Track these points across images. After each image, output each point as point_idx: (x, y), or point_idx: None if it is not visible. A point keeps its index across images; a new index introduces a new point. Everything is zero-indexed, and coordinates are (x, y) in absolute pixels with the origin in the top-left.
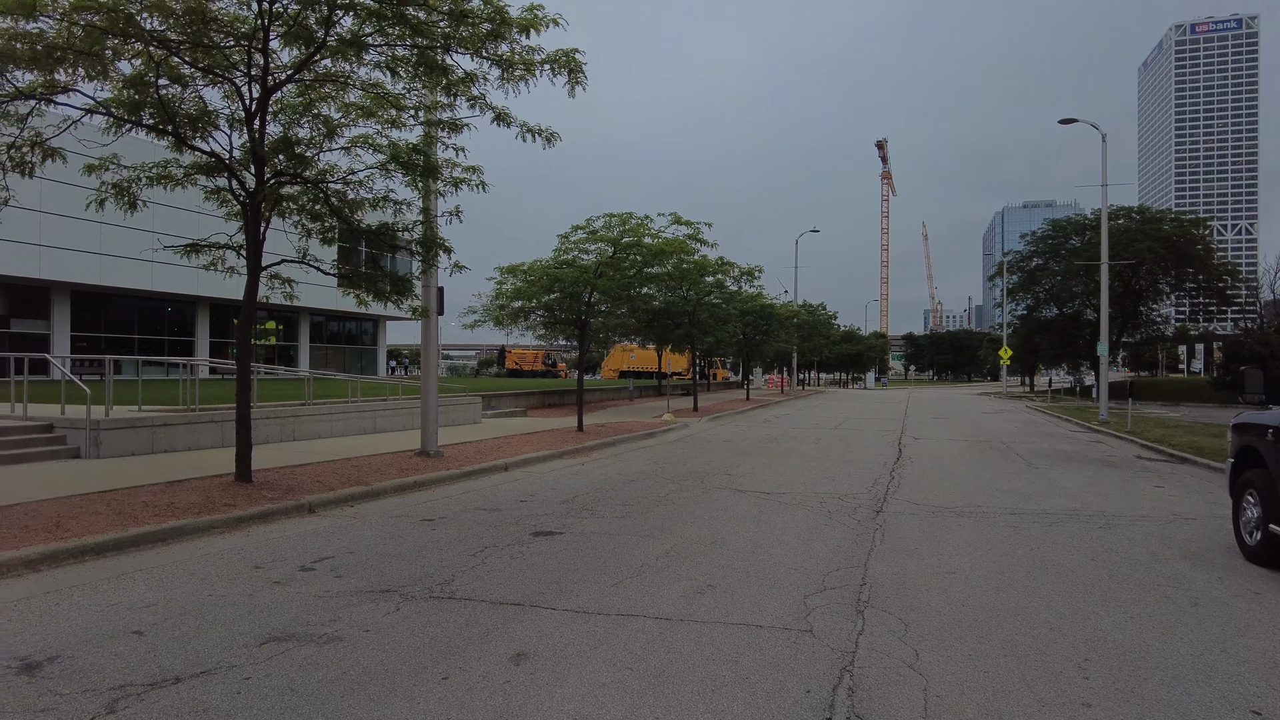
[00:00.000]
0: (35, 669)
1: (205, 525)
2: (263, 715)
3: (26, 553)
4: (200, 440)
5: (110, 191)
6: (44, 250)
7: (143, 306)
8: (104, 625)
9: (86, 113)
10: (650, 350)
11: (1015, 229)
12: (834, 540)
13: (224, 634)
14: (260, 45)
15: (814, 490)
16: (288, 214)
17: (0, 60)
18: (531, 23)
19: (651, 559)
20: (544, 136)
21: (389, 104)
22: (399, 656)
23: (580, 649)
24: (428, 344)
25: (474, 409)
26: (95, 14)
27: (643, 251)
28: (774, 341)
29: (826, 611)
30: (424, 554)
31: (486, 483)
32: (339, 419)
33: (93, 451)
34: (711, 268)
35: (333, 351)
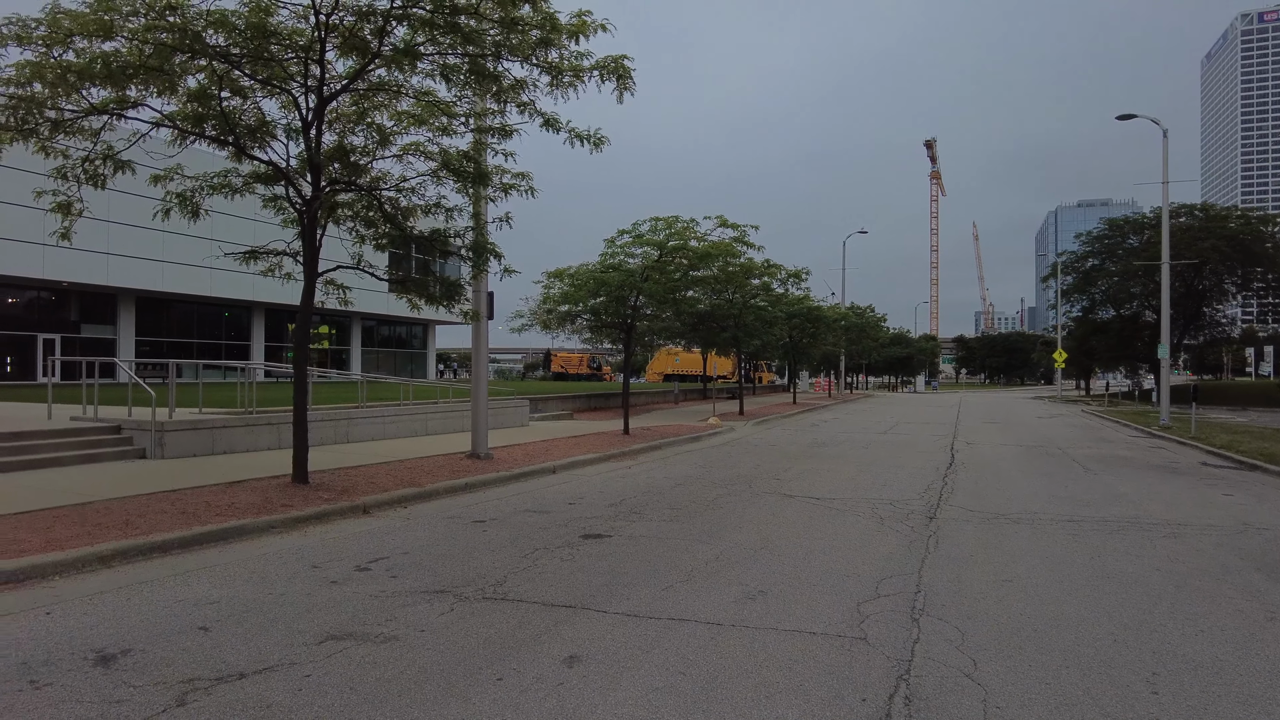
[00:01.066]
0: (110, 661)
1: (264, 525)
2: (324, 713)
3: (100, 549)
4: (258, 442)
5: (174, 201)
6: (111, 258)
7: (201, 311)
8: (172, 620)
9: (154, 126)
10: (695, 353)
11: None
12: (886, 547)
13: (284, 632)
14: (317, 57)
15: (865, 496)
16: (342, 221)
17: (80, 79)
18: (580, 29)
19: (701, 564)
20: (592, 141)
21: (440, 111)
22: (454, 657)
23: (632, 652)
24: (478, 347)
25: (521, 412)
26: (165, 32)
27: (688, 255)
28: (821, 344)
29: (881, 619)
30: (476, 555)
31: (535, 485)
32: (391, 421)
33: (157, 452)
34: (758, 270)
35: (384, 355)
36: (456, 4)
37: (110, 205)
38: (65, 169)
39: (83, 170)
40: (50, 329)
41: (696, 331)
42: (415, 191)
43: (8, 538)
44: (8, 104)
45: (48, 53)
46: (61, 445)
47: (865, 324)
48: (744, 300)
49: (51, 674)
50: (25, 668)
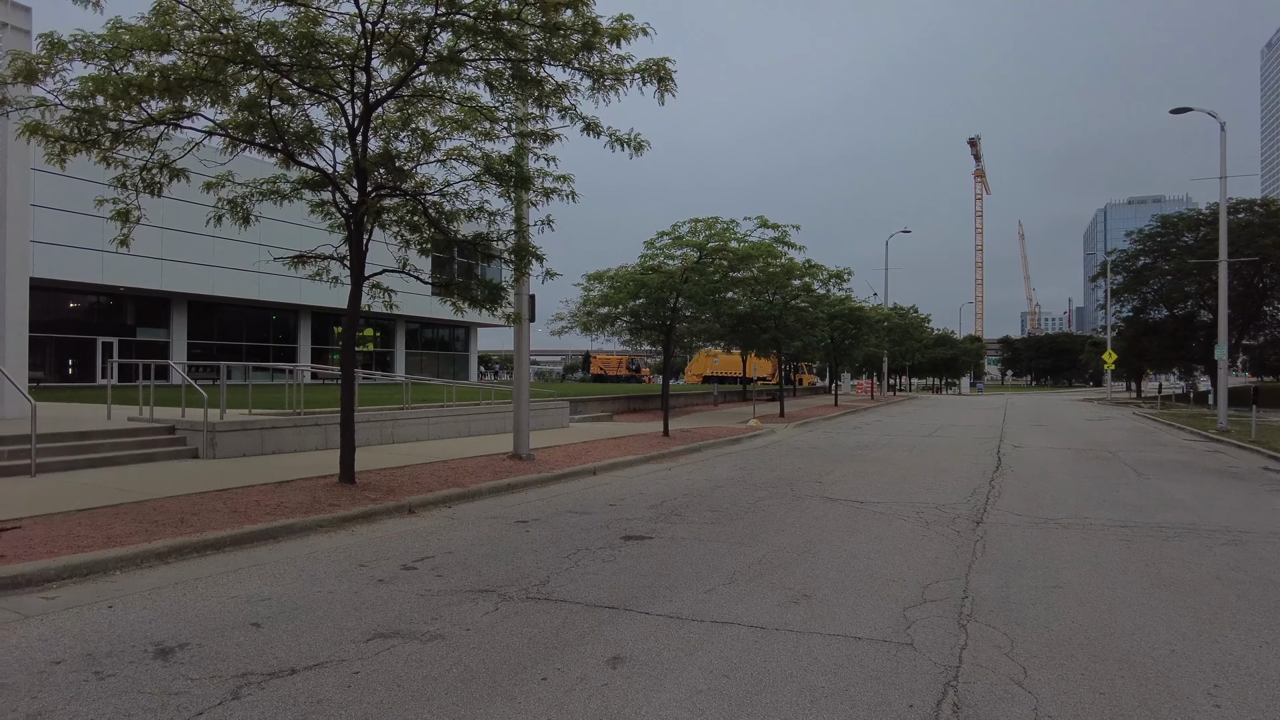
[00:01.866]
0: (169, 654)
1: (313, 524)
2: (372, 709)
3: (157, 546)
4: (305, 443)
5: (226, 207)
6: (165, 264)
7: (250, 314)
8: (225, 616)
9: (207, 135)
10: (734, 355)
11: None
12: (932, 551)
13: (333, 629)
14: (363, 64)
15: (910, 499)
16: (388, 225)
17: (140, 91)
18: (621, 32)
19: (743, 566)
20: (632, 145)
21: (483, 116)
22: (499, 656)
23: (676, 654)
24: (520, 350)
25: (562, 413)
26: (219, 44)
27: (729, 256)
28: (863, 345)
29: (927, 624)
30: (519, 555)
31: (576, 486)
32: (435, 423)
33: (209, 452)
34: (799, 270)
35: (427, 357)
36: (499, 10)
37: (164, 212)
38: (125, 178)
39: (141, 179)
40: (108, 332)
41: (736, 333)
42: (459, 196)
43: (72, 534)
44: (72, 116)
45: (110, 67)
46: (120, 445)
47: (908, 325)
48: (785, 301)
49: (115, 665)
50: (90, 659)
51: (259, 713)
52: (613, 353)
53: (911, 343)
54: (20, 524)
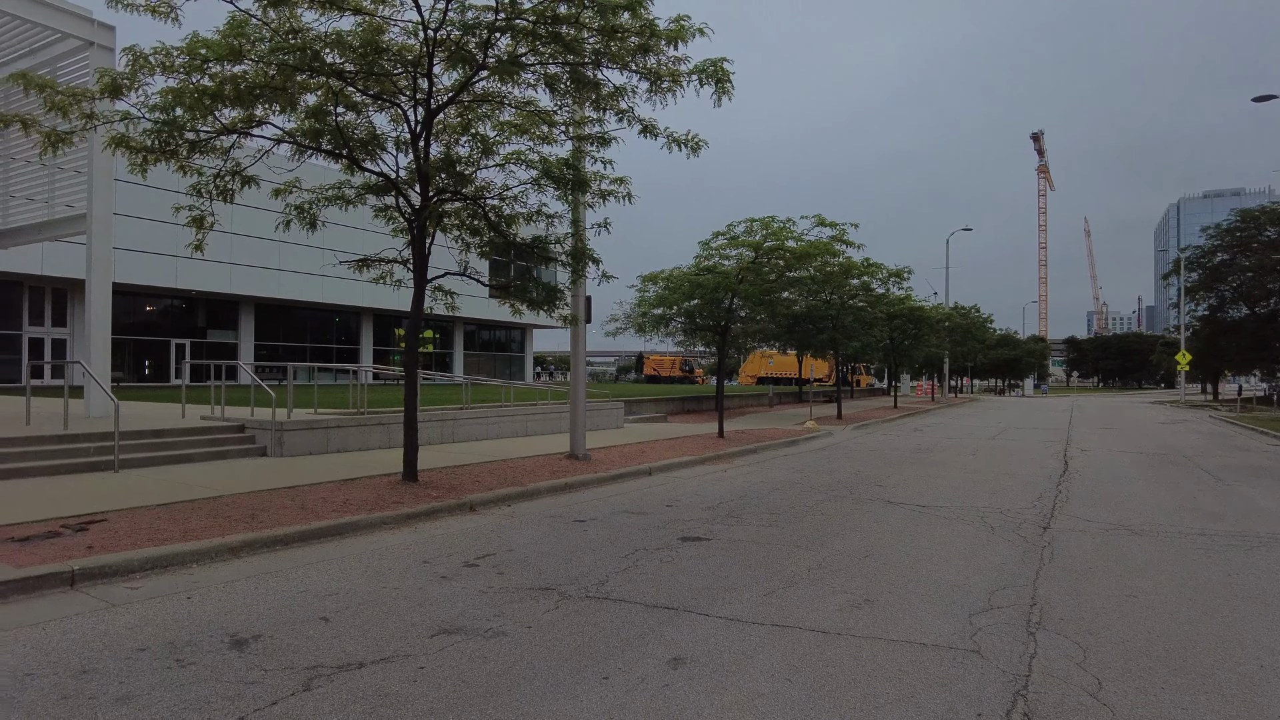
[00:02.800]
0: (243, 645)
1: (377, 521)
2: (438, 704)
3: (230, 540)
4: (369, 441)
5: (294, 213)
6: (234, 268)
7: (314, 317)
8: (296, 610)
9: (276, 142)
10: (790, 356)
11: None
12: (997, 557)
13: (399, 624)
14: (425, 70)
15: (973, 504)
16: (449, 229)
17: (214, 101)
18: (679, 34)
19: (803, 570)
20: (690, 146)
21: (541, 120)
22: (560, 654)
23: (737, 657)
24: (576, 351)
25: (616, 414)
26: (288, 53)
27: (785, 255)
28: (923, 346)
29: (994, 631)
30: (578, 554)
31: (632, 486)
32: (493, 422)
33: (277, 450)
34: (857, 269)
35: (484, 358)
36: (558, 14)
37: (233, 218)
38: (200, 185)
39: (214, 186)
40: (181, 334)
41: (792, 333)
42: (517, 199)
43: (153, 527)
44: (153, 128)
45: (187, 79)
46: (194, 443)
47: (970, 325)
48: (842, 301)
49: (194, 654)
50: (172, 647)
51: (329, 704)
52: (666, 354)
53: (973, 343)
54: (106, 517)
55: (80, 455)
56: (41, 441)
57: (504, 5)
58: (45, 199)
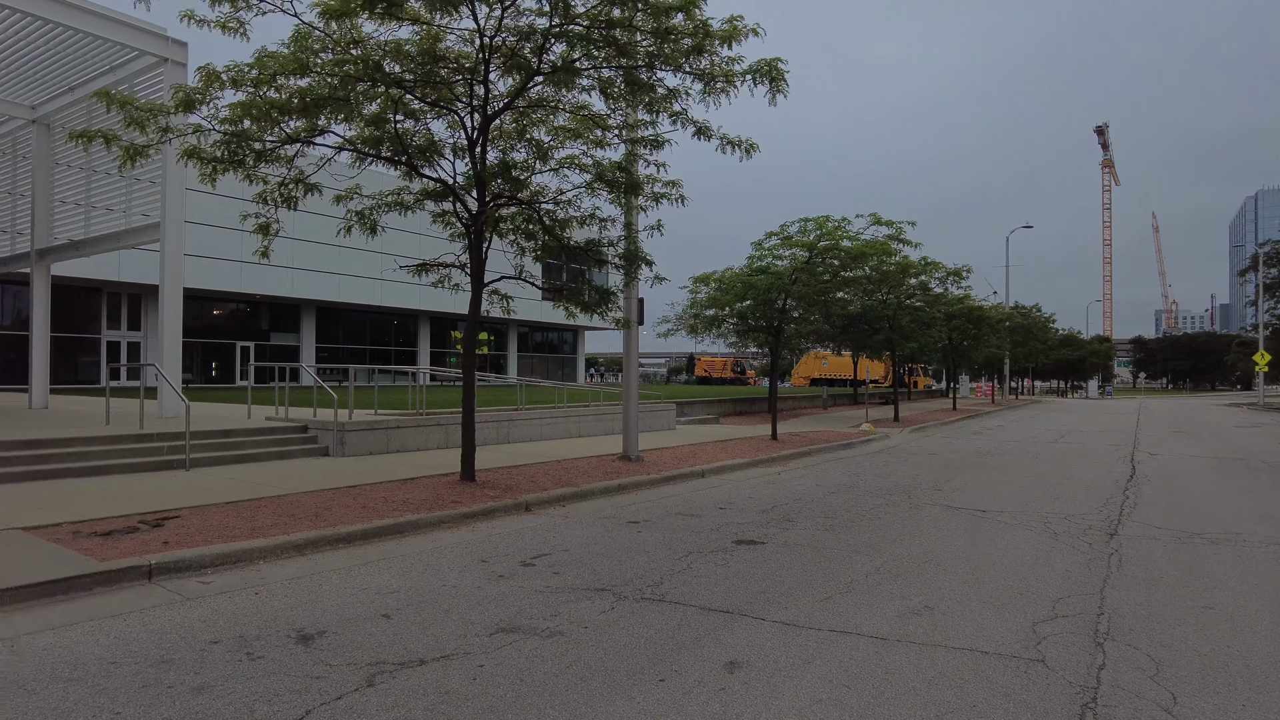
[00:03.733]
0: (309, 640)
1: (436, 520)
2: (496, 702)
3: (295, 538)
4: (427, 441)
5: (355, 219)
6: (296, 273)
7: (373, 320)
8: (358, 606)
9: (338, 150)
10: (845, 357)
11: (1274, 215)
12: (1062, 564)
13: (458, 622)
14: (481, 78)
15: (1036, 509)
16: (505, 234)
17: (281, 113)
18: (732, 34)
19: (861, 575)
20: (743, 148)
21: (595, 124)
22: (616, 655)
23: (794, 662)
24: (629, 353)
25: (668, 415)
26: (350, 64)
27: (840, 255)
28: (983, 347)
29: (1059, 641)
30: (632, 555)
31: (685, 488)
32: (547, 423)
33: (339, 450)
34: (914, 269)
35: (537, 360)
36: (611, 18)
37: (295, 224)
38: (265, 194)
39: (279, 194)
40: (246, 337)
41: (847, 334)
42: (571, 203)
43: (223, 524)
44: (223, 139)
45: (256, 92)
46: (259, 442)
47: (1031, 324)
48: (899, 301)
49: (263, 648)
50: (242, 641)
51: (391, 700)
52: (717, 355)
53: (1034, 344)
54: (179, 513)
55: (155, 454)
56: (120, 441)
57: (558, 11)
58: (123, 209)
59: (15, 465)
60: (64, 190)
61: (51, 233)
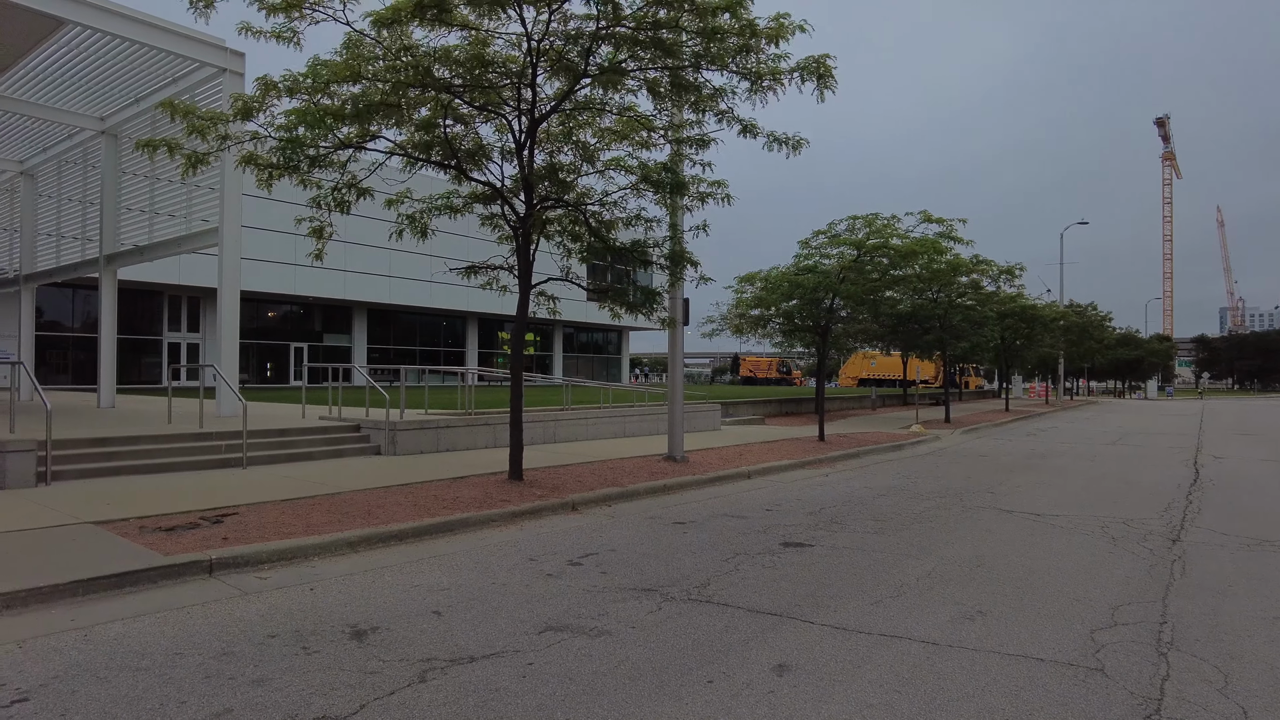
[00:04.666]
0: (363, 636)
1: (485, 519)
2: (546, 700)
3: (348, 535)
4: (476, 441)
5: (405, 222)
6: (348, 275)
7: (422, 321)
8: (409, 603)
9: (389, 155)
10: (894, 357)
11: None
12: (1121, 570)
13: (507, 620)
14: (528, 81)
15: (1093, 513)
16: (551, 236)
17: (334, 119)
18: (779, 32)
19: (911, 579)
20: (790, 145)
21: (640, 126)
22: (664, 655)
23: (844, 666)
24: (674, 353)
25: (713, 416)
26: (401, 71)
27: (889, 253)
28: (1037, 346)
29: (1119, 650)
30: (679, 556)
31: (731, 489)
32: (592, 423)
33: (390, 449)
34: (965, 267)
35: (582, 361)
36: (657, 19)
37: (348, 227)
38: (319, 198)
39: (332, 198)
40: (299, 338)
41: (896, 334)
42: (616, 205)
43: (279, 521)
44: (278, 146)
45: (310, 99)
46: (313, 441)
47: (1087, 323)
48: (950, 299)
49: (318, 643)
50: (299, 635)
51: (443, 696)
52: (762, 355)
53: (1090, 343)
54: (238, 510)
55: (214, 452)
56: (181, 439)
57: (605, 14)
58: (184, 214)
59: (86, 462)
60: (129, 198)
61: (118, 238)
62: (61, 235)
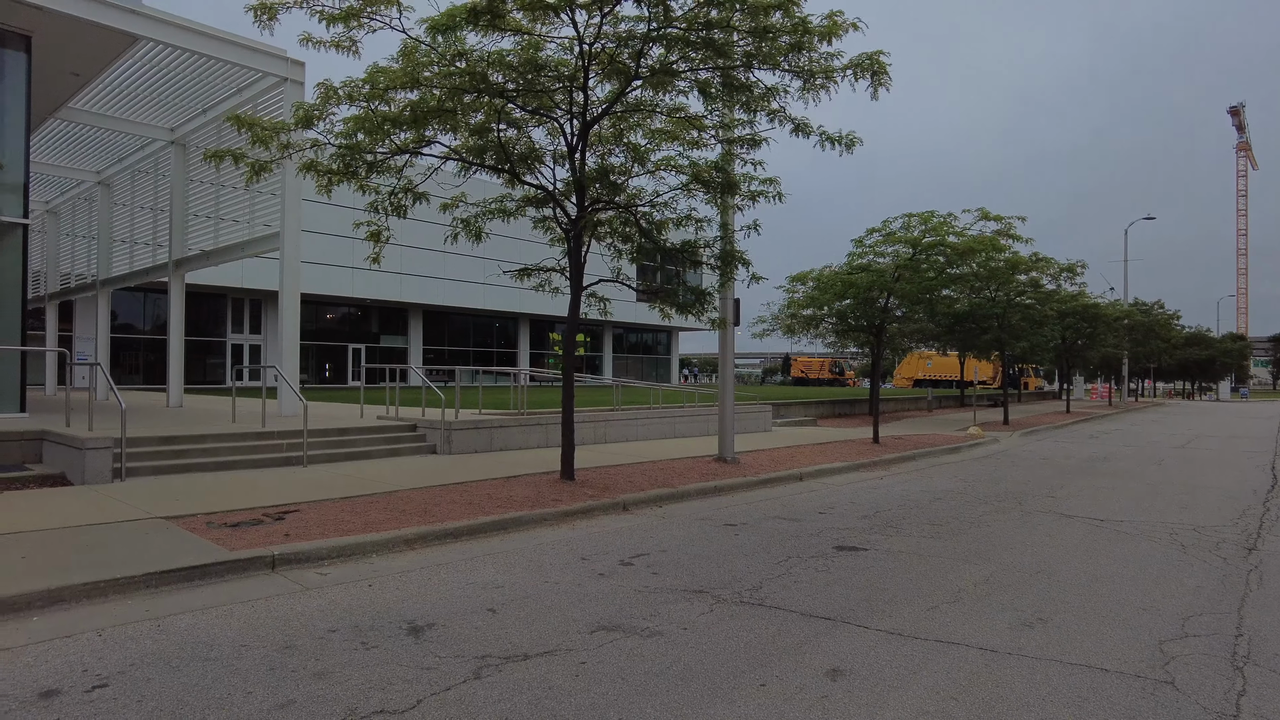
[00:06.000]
0: (419, 632)
1: (537, 518)
2: (599, 699)
3: (405, 533)
4: (528, 441)
5: (460, 226)
6: (404, 278)
7: (475, 322)
8: (464, 600)
9: (444, 160)
10: (950, 357)
11: None
12: (1192, 579)
13: (560, 619)
14: (580, 84)
15: (1160, 519)
16: (602, 237)
17: (392, 125)
18: (831, 30)
19: (969, 585)
20: (843, 143)
21: (691, 126)
22: (716, 657)
23: (899, 672)
24: (724, 353)
25: (764, 417)
26: (456, 76)
27: (945, 251)
28: (1099, 346)
29: (1191, 662)
30: (730, 558)
31: (783, 491)
32: (642, 424)
33: (445, 448)
34: (1024, 265)
35: (631, 361)
36: (710, 19)
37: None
38: (376, 203)
39: (389, 203)
40: (357, 340)
41: (953, 333)
42: (667, 205)
43: (338, 518)
44: (338, 153)
45: (369, 106)
46: (371, 440)
47: (1153, 322)
48: (1008, 298)
49: (377, 638)
50: (357, 630)
51: (498, 693)
52: (814, 355)
53: (1157, 342)
54: (299, 507)
55: (275, 451)
56: (244, 438)
57: (656, 15)
58: (246, 220)
59: (157, 459)
60: (196, 204)
61: (186, 244)
62: (134, 241)
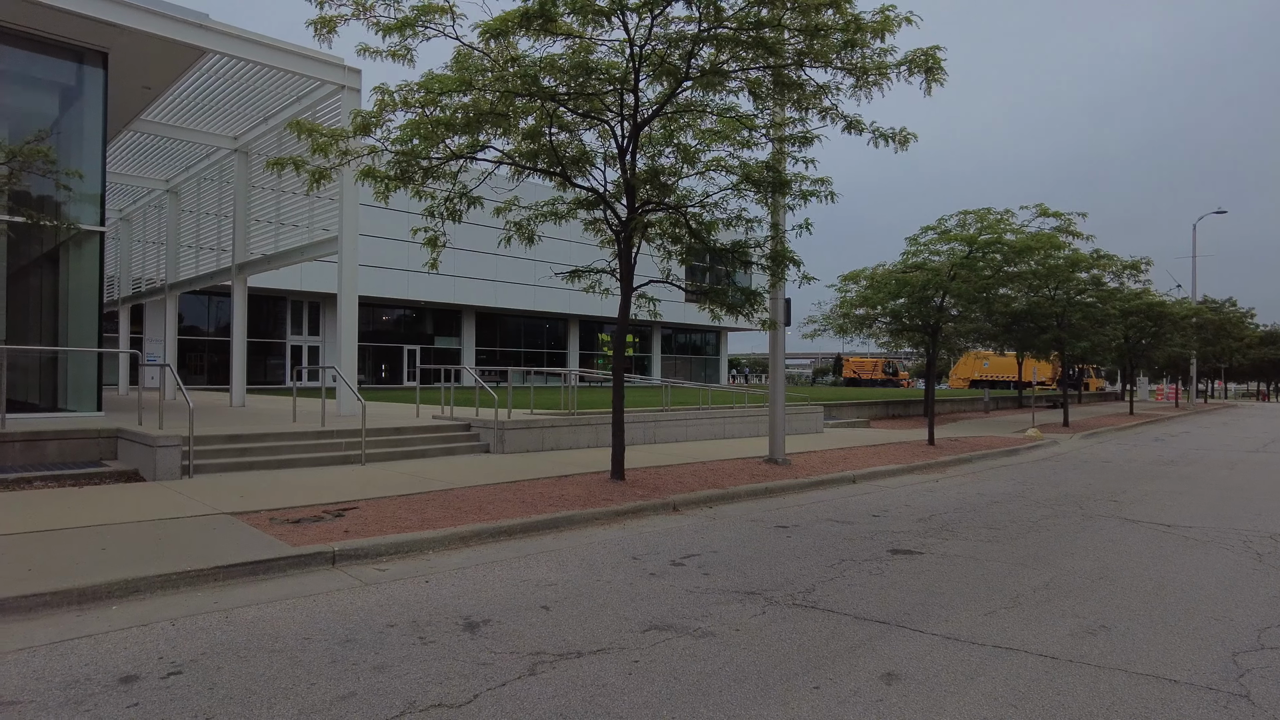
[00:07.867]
0: (475, 628)
1: (589, 517)
2: (651, 698)
3: (461, 530)
4: (579, 440)
5: (513, 229)
6: (457, 280)
7: (526, 324)
8: (519, 597)
9: (496, 164)
10: (1008, 357)
11: None
12: (1269, 589)
13: (613, 617)
14: (631, 86)
15: (1233, 526)
16: (652, 239)
17: (447, 130)
18: (884, 25)
19: (1027, 590)
20: (897, 140)
21: (741, 125)
22: (769, 659)
23: (955, 677)
24: (775, 354)
25: (816, 418)
26: (509, 81)
27: (1002, 249)
28: (1165, 346)
29: (1267, 675)
30: (782, 560)
31: (835, 494)
32: (692, 425)
33: (499, 447)
34: (1085, 262)
35: (680, 361)
36: (760, 18)
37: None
38: (432, 208)
39: (445, 208)
40: (412, 341)
41: (1010, 333)
42: (717, 205)
43: (396, 515)
44: (395, 159)
45: (424, 112)
46: (427, 440)
47: (1224, 321)
48: (1068, 297)
49: (434, 633)
50: (415, 625)
51: (552, 689)
52: (867, 355)
53: (1228, 341)
54: (358, 505)
55: (335, 449)
56: (305, 437)
57: (706, 15)
58: (306, 225)
59: (222, 457)
60: (258, 210)
61: (248, 248)
62: (200, 246)
